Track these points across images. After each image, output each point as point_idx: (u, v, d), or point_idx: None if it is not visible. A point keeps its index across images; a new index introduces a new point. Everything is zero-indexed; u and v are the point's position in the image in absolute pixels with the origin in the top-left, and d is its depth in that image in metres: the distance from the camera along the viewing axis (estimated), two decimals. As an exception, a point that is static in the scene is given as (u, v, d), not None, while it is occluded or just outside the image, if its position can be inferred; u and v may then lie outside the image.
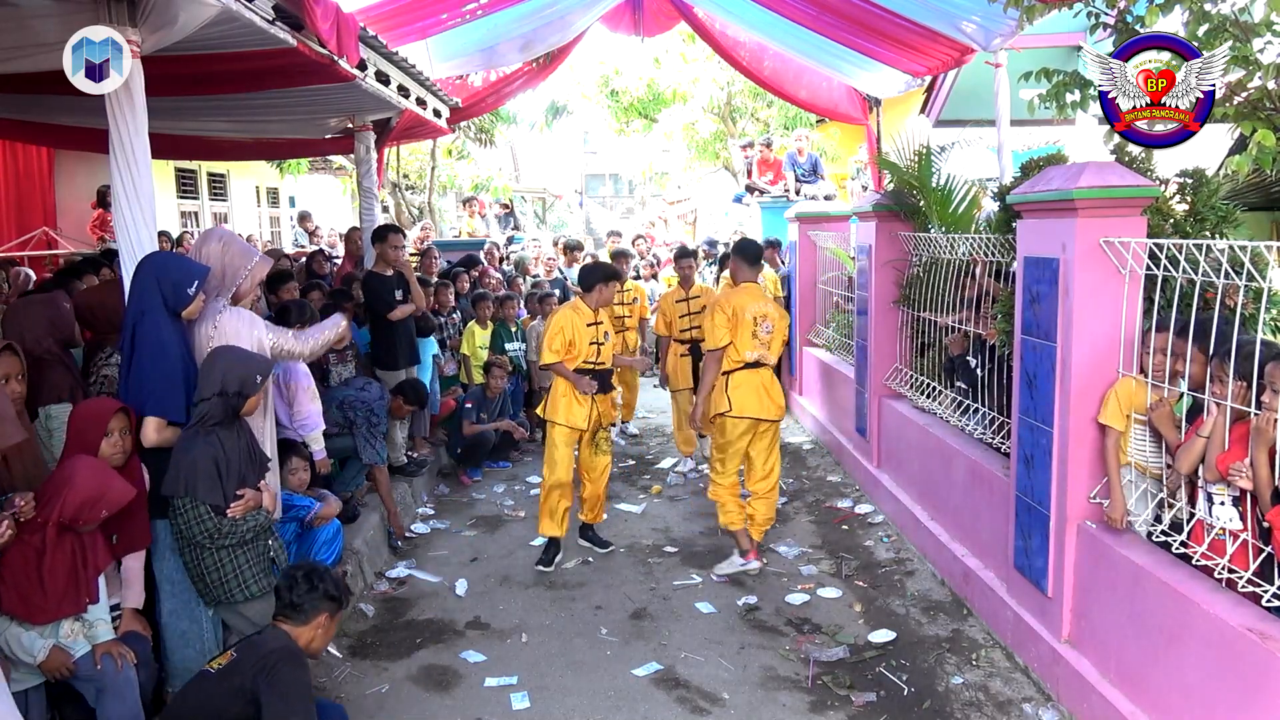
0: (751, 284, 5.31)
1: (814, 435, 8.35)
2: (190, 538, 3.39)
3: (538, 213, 27.36)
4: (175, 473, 3.35)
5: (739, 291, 5.26)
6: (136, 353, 3.45)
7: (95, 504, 2.99)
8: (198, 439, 3.39)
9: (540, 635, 4.59)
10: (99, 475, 3.05)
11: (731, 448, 5.21)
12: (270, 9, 3.92)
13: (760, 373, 5.16)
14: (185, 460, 3.35)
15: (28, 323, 3.67)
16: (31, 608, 2.92)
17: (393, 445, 6.55)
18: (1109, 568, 3.51)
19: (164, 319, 3.48)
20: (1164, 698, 3.16)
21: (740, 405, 5.11)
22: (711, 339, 5.15)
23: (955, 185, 5.87)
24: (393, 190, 15.25)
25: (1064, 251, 3.60)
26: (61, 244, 10.20)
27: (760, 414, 5.14)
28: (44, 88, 4.83)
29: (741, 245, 5.57)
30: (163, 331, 3.47)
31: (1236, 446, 2.99)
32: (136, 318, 3.45)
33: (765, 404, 5.15)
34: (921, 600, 4.88)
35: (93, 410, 3.30)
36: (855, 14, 7.20)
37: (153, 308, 3.45)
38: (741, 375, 5.13)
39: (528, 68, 9.70)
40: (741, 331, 5.09)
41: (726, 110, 15.46)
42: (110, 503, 3.04)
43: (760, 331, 5.14)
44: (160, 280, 3.47)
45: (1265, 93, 3.83)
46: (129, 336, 3.46)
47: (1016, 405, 4.07)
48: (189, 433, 3.43)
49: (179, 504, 3.38)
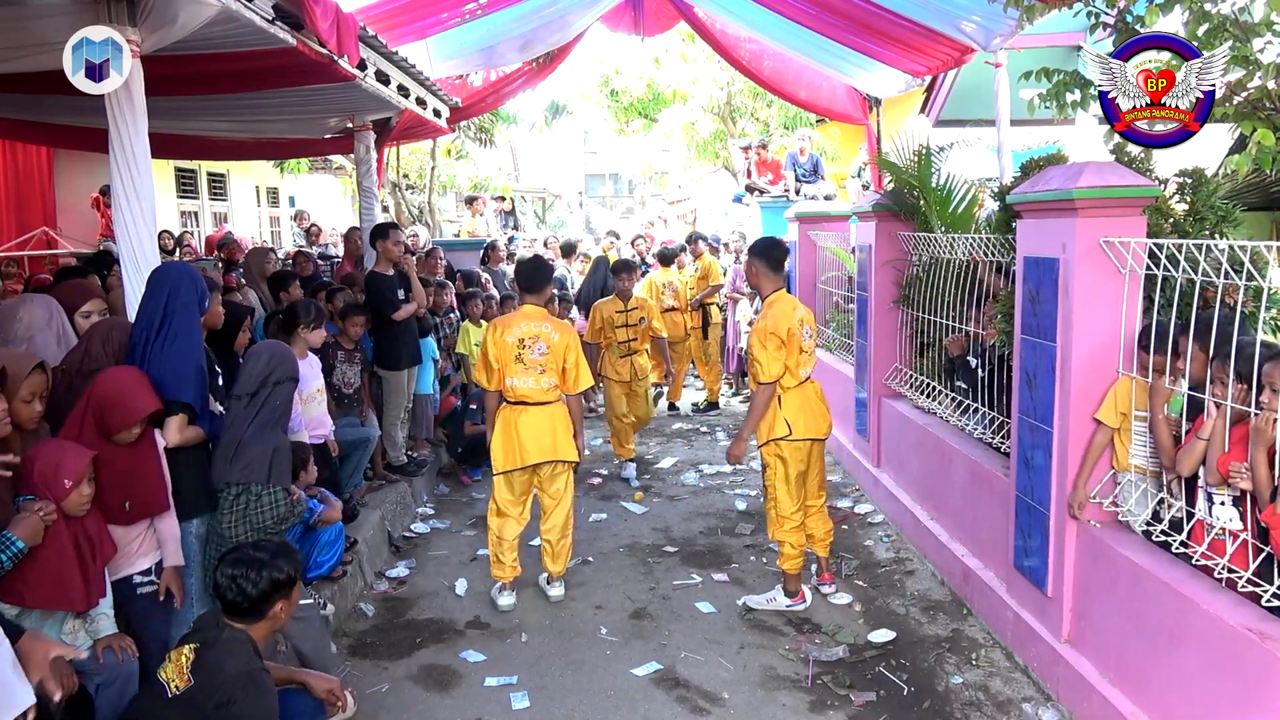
0: (782, 291, 4.73)
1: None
2: (260, 525, 3.46)
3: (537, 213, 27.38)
4: (259, 461, 3.46)
5: (777, 305, 4.64)
6: (168, 339, 3.42)
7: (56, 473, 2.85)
8: (267, 428, 3.52)
9: (540, 635, 4.59)
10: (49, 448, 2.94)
11: (795, 474, 4.66)
12: (270, 9, 3.92)
13: (807, 388, 4.68)
14: (263, 449, 3.48)
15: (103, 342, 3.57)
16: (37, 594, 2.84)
17: (393, 445, 6.56)
18: (1109, 567, 3.51)
19: (196, 315, 3.54)
20: (1164, 697, 3.16)
21: (801, 428, 4.60)
22: (766, 373, 4.55)
23: (955, 185, 5.86)
24: (392, 190, 15.26)
25: (1064, 251, 3.60)
26: (61, 244, 10.21)
27: (818, 434, 4.68)
28: (44, 87, 4.83)
29: (765, 246, 4.85)
30: (195, 324, 3.52)
31: (1237, 448, 2.99)
32: (166, 313, 3.45)
33: (819, 422, 4.70)
34: (921, 600, 4.88)
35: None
36: (855, 14, 7.20)
37: (189, 302, 3.49)
38: (793, 395, 4.62)
39: (527, 67, 9.70)
40: (792, 350, 4.57)
41: (726, 110, 15.46)
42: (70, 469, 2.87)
43: (807, 343, 4.67)
44: (195, 285, 3.55)
45: (1265, 93, 3.83)
46: (157, 321, 3.43)
47: (1016, 405, 4.07)
48: (258, 422, 3.53)
49: (258, 490, 3.47)
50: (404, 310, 6.35)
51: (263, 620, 2.76)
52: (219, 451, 3.58)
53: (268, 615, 2.76)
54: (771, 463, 4.69)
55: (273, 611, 2.76)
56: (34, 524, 2.76)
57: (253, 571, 2.70)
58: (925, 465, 5.54)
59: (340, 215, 17.99)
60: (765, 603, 4.79)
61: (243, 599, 2.70)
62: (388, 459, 6.51)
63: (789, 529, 4.72)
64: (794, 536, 4.72)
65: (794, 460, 4.64)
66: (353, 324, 5.84)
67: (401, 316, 6.34)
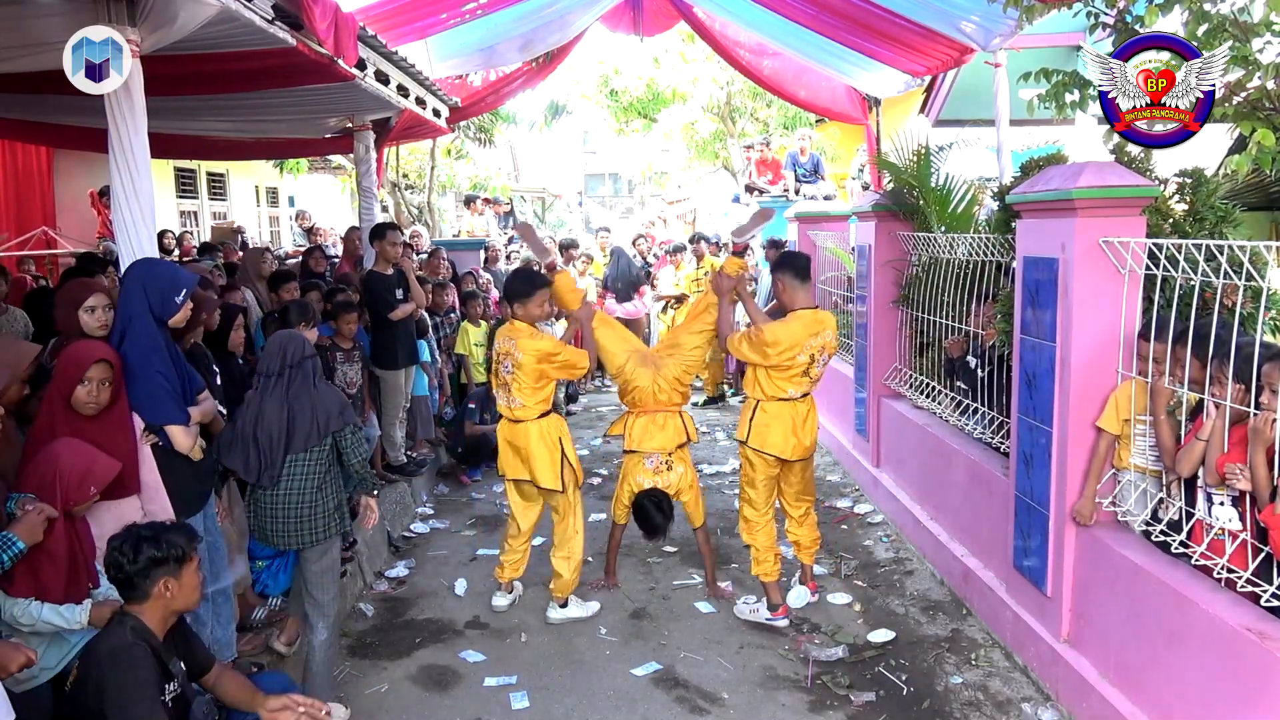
0: (806, 310, 4.50)
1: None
2: (349, 466, 3.75)
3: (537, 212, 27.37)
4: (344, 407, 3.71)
5: (791, 324, 4.43)
6: (126, 360, 3.36)
7: (83, 481, 2.94)
8: (324, 382, 3.79)
9: (539, 635, 4.59)
10: (82, 453, 3.00)
11: (760, 478, 4.64)
12: (269, 8, 3.91)
13: (797, 406, 4.51)
14: (340, 396, 3.75)
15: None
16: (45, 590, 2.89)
17: (392, 445, 6.55)
18: (1108, 567, 3.51)
19: (150, 328, 3.39)
20: (1163, 697, 3.16)
21: (761, 440, 4.52)
22: (732, 345, 4.57)
23: (954, 185, 5.87)
24: (392, 190, 15.25)
25: (1063, 251, 3.60)
26: (61, 244, 10.21)
27: (784, 454, 4.52)
28: (44, 87, 4.82)
29: (792, 258, 4.72)
30: (147, 340, 3.38)
31: (1236, 449, 2.99)
32: (125, 324, 3.37)
33: (790, 443, 4.51)
34: (921, 600, 4.88)
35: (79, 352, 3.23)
36: (855, 14, 7.20)
37: (139, 315, 3.37)
38: (775, 407, 4.50)
39: (527, 67, 9.69)
40: (788, 372, 4.44)
41: (726, 110, 15.44)
42: (97, 478, 2.98)
43: (815, 369, 4.50)
44: (147, 288, 3.39)
45: (1265, 93, 3.83)
46: (117, 343, 3.38)
47: (1016, 405, 4.07)
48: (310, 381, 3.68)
49: (352, 431, 3.72)
50: (401, 310, 6.34)
51: (148, 600, 2.66)
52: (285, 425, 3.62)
53: (151, 595, 2.66)
54: (744, 463, 4.71)
55: (156, 590, 2.66)
56: (34, 525, 2.78)
57: (129, 548, 2.63)
58: (925, 465, 5.54)
59: (340, 215, 17.97)
60: (749, 612, 4.73)
61: (122, 576, 2.65)
62: (387, 459, 6.51)
63: (758, 531, 4.70)
64: (762, 539, 4.69)
65: (760, 468, 4.62)
66: (346, 321, 5.82)
67: (399, 316, 6.34)
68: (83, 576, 3.02)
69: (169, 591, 2.67)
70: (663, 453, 4.82)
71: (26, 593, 2.86)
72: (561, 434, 4.71)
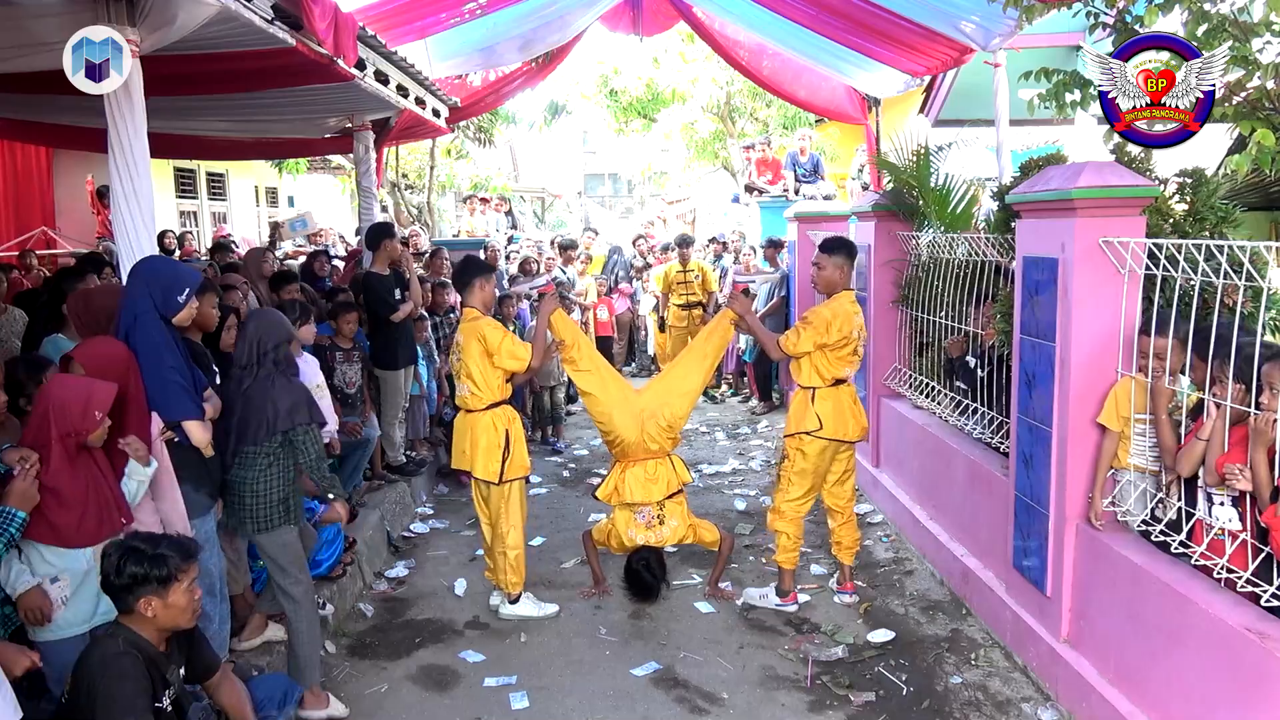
0: (847, 292, 4.67)
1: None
2: (308, 462, 3.76)
3: (536, 212, 27.38)
4: (296, 407, 3.70)
5: (838, 302, 4.60)
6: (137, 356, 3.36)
7: (87, 409, 2.87)
8: (293, 380, 3.79)
9: (539, 635, 4.59)
10: (76, 384, 2.96)
11: (811, 469, 4.66)
12: (269, 8, 3.91)
13: (841, 390, 4.64)
14: (298, 396, 3.73)
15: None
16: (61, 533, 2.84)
17: (391, 445, 6.55)
18: (1108, 567, 3.51)
19: (156, 324, 3.39)
20: (1163, 697, 3.16)
21: (831, 427, 4.57)
22: (791, 345, 4.59)
23: (954, 185, 5.87)
24: (392, 190, 15.25)
25: (1063, 251, 3.60)
26: (60, 243, 10.22)
27: (846, 435, 4.63)
28: (43, 87, 4.82)
29: (846, 242, 4.90)
30: (156, 336, 3.38)
31: (1236, 449, 2.99)
32: (130, 323, 3.37)
33: (849, 424, 4.63)
34: (921, 600, 4.88)
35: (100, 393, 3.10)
36: (855, 14, 7.19)
37: (145, 312, 3.37)
38: (832, 393, 4.59)
39: (527, 67, 9.69)
40: (842, 350, 4.54)
41: (726, 110, 15.44)
42: (100, 402, 2.91)
43: (860, 348, 4.67)
44: (150, 286, 3.40)
45: (1265, 93, 3.83)
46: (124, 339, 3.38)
47: (1015, 405, 4.07)
48: (280, 375, 3.71)
49: (303, 431, 3.71)
50: (401, 311, 6.34)
51: (133, 614, 2.62)
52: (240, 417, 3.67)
53: (135, 611, 2.61)
54: (791, 454, 4.70)
55: (138, 608, 2.61)
56: (26, 489, 2.73)
57: (116, 559, 2.60)
58: (924, 465, 5.54)
59: (340, 215, 17.97)
60: (759, 598, 4.83)
61: (108, 588, 2.62)
62: (387, 459, 6.50)
63: (789, 520, 4.73)
64: (792, 528, 4.74)
65: (813, 456, 4.63)
66: (345, 321, 5.82)
67: (399, 317, 6.34)
68: (112, 514, 2.93)
69: (151, 610, 2.62)
70: (655, 506, 4.76)
71: (46, 539, 2.83)
72: (510, 426, 4.63)
